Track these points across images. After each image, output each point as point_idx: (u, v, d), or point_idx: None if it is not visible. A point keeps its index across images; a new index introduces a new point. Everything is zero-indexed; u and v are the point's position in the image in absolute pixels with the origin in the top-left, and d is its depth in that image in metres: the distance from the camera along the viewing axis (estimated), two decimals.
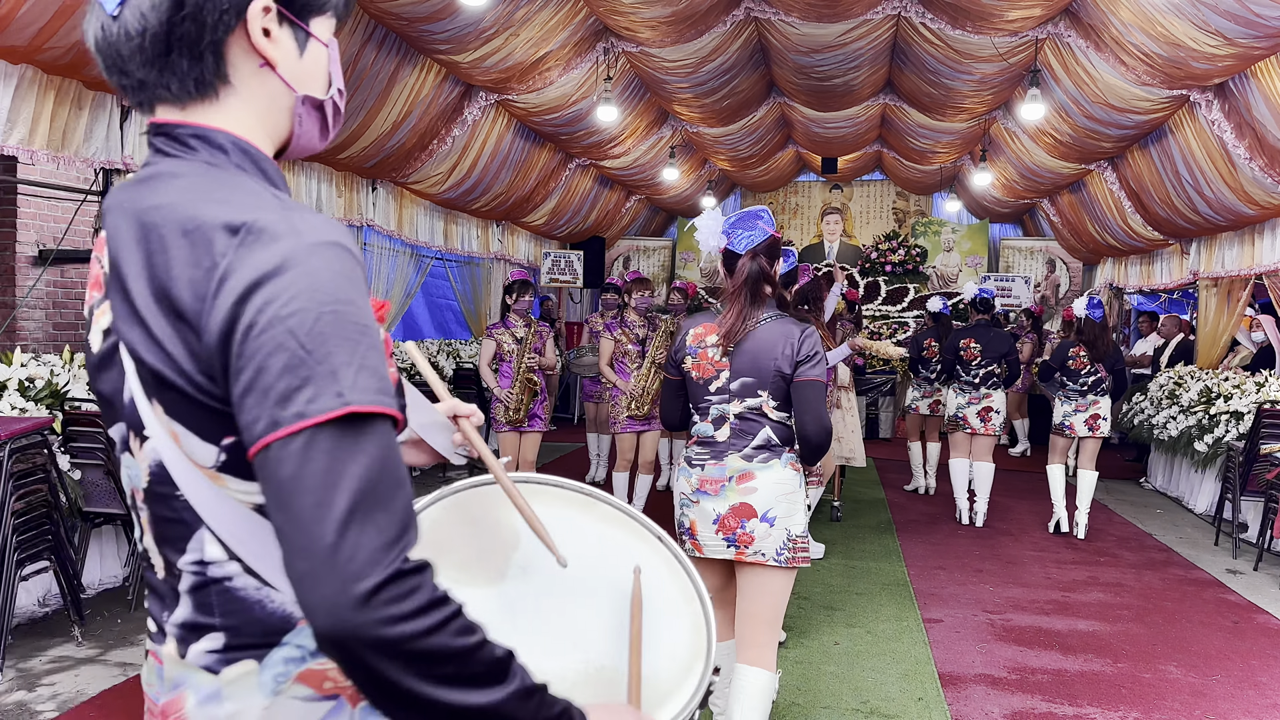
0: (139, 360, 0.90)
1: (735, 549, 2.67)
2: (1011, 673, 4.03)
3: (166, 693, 0.97)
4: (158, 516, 0.96)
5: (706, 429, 2.75)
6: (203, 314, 0.85)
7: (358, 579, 0.78)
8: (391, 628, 0.79)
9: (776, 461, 2.68)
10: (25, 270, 7.52)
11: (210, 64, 0.94)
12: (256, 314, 0.82)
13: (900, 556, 5.90)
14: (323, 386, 0.81)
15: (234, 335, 0.83)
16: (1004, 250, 13.61)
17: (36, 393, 4.37)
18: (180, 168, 0.94)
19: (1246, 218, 7.65)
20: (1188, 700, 3.79)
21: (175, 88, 0.94)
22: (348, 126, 6.77)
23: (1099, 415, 6.39)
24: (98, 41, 0.95)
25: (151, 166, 0.96)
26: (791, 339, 2.63)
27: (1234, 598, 5.26)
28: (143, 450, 0.94)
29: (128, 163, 5.26)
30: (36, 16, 4.23)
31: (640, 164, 11.05)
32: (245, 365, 0.82)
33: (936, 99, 9.19)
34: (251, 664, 0.93)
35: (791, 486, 2.68)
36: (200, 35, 0.92)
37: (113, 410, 0.98)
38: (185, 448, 0.90)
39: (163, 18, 0.91)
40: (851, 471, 8.65)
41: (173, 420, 0.90)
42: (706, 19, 7.41)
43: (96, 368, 0.99)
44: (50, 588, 4.38)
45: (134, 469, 0.98)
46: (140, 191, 0.94)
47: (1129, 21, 6.16)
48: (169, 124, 0.96)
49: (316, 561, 0.79)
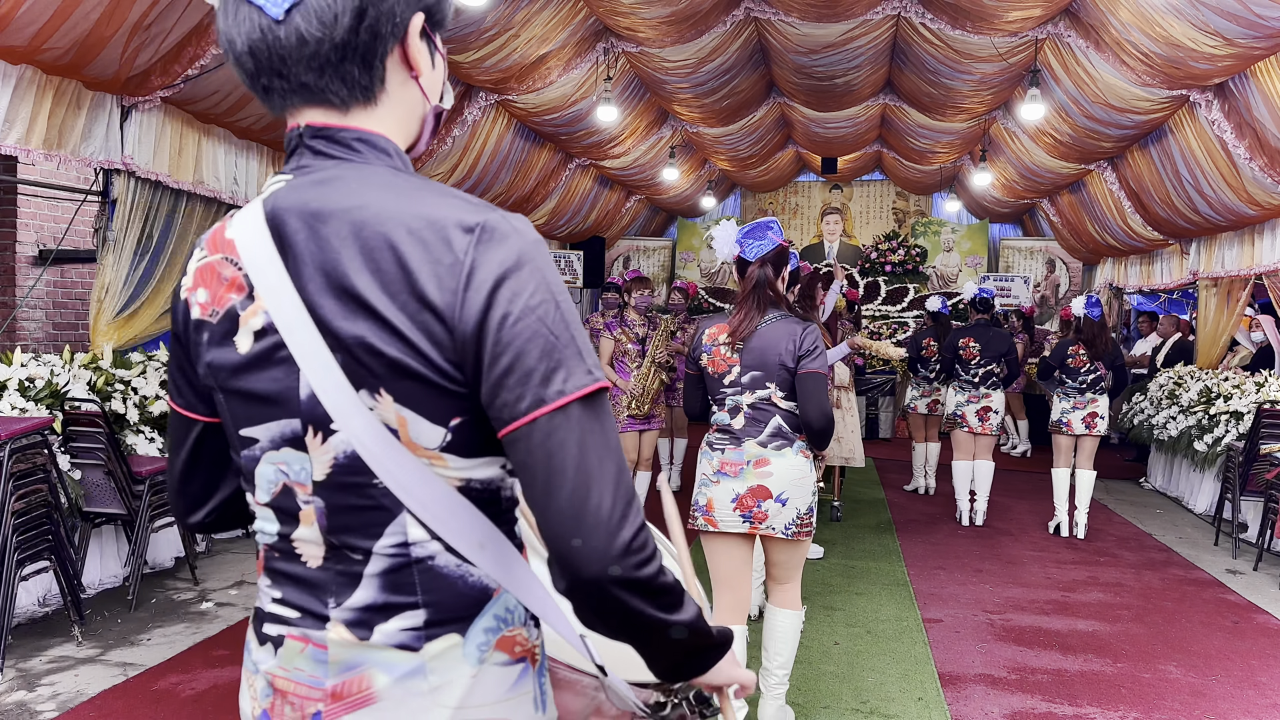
0: (371, 353, 0.94)
1: (750, 524, 3.06)
2: (1011, 673, 4.03)
3: (335, 675, 0.99)
4: (341, 506, 0.99)
5: (724, 418, 3.13)
6: (455, 305, 0.92)
7: (619, 532, 0.92)
8: (641, 570, 0.93)
9: (789, 449, 3.06)
10: (25, 270, 7.52)
11: (378, 72, 1.00)
12: (509, 305, 0.92)
13: (900, 556, 5.90)
14: (573, 367, 0.94)
15: (489, 324, 0.92)
16: (1004, 250, 13.61)
17: (36, 393, 4.37)
18: (352, 171, 0.99)
19: (1246, 218, 7.65)
20: (1187, 700, 3.79)
21: (343, 93, 0.99)
22: None
23: (1097, 413, 6.39)
24: (253, 43, 0.97)
25: (319, 170, 1.00)
26: (794, 335, 3.00)
27: (1234, 598, 5.26)
28: (325, 444, 0.98)
29: (127, 163, 5.26)
30: (36, 16, 4.23)
31: (640, 164, 11.05)
32: (504, 351, 0.92)
33: (936, 99, 9.18)
34: (455, 637, 0.99)
35: (803, 472, 3.08)
36: (374, 46, 0.98)
37: (268, 408, 1.00)
38: (412, 432, 0.96)
39: (346, 27, 0.95)
40: (851, 471, 8.65)
41: (403, 407, 0.95)
42: (707, 19, 7.40)
43: (244, 368, 1.01)
44: (50, 588, 4.38)
45: (296, 463, 1.00)
46: (321, 193, 0.97)
47: (1128, 22, 6.16)
48: (331, 127, 1.00)
49: (587, 519, 0.91)
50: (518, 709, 1.03)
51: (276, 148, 6.60)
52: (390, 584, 0.99)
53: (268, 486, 1.03)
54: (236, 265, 1.00)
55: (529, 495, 0.94)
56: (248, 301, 1.00)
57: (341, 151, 1.00)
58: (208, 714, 3.40)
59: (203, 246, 1.06)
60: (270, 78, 0.99)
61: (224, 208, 6.20)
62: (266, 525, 1.06)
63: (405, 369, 0.94)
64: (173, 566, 5.20)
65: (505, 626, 1.03)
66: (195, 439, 1.14)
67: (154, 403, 5.05)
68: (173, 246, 5.80)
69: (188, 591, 4.84)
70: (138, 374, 5.13)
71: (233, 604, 4.64)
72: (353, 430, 0.96)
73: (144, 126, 5.37)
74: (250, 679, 1.08)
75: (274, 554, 1.06)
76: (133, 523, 4.51)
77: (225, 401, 1.05)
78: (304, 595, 1.03)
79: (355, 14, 0.95)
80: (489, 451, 1.00)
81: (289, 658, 1.03)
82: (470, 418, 0.97)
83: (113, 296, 5.40)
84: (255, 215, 1.00)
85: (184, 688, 3.62)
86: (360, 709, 0.99)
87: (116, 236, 5.37)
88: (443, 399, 0.95)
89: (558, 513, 0.92)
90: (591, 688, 1.17)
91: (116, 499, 4.43)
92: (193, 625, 4.33)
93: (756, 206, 14.82)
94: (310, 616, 1.02)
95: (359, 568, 1.00)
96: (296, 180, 1.00)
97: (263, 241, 0.98)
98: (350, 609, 1.00)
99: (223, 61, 5.21)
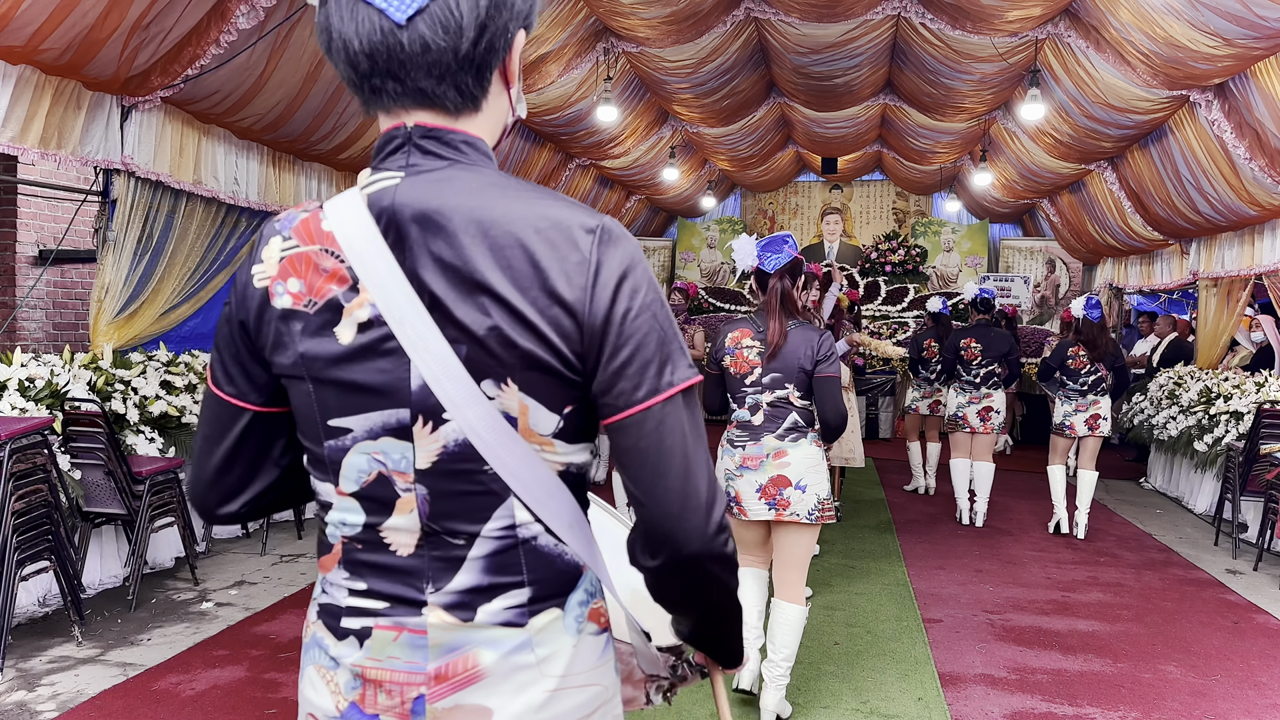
0: (505, 344, 0.99)
1: (775, 511, 3.34)
2: (1011, 673, 4.03)
3: (437, 658, 1.03)
4: (447, 492, 1.03)
5: (744, 415, 3.42)
6: (584, 301, 0.99)
7: (714, 512, 1.02)
8: (728, 546, 1.04)
9: (804, 440, 3.39)
10: (25, 270, 7.52)
11: (487, 82, 1.05)
12: (630, 300, 1.01)
13: (900, 556, 5.90)
14: (679, 360, 1.03)
15: (613, 318, 1.00)
16: (1004, 250, 13.60)
17: (36, 393, 4.37)
18: (465, 173, 1.04)
19: (1246, 218, 7.64)
20: (1187, 700, 3.79)
21: (457, 100, 1.04)
22: (347, 126, 6.77)
23: (1099, 415, 6.39)
24: (372, 44, 0.99)
25: (432, 170, 1.03)
26: (812, 342, 3.34)
27: (1234, 598, 5.26)
28: (435, 433, 1.01)
29: (127, 163, 5.26)
30: (35, 16, 4.23)
31: (640, 164, 11.05)
32: (625, 342, 1.00)
33: (936, 99, 9.18)
34: (555, 611, 1.06)
35: (817, 460, 3.40)
36: (489, 59, 1.04)
37: (370, 398, 1.03)
38: (531, 420, 1.02)
39: (470, 39, 1.00)
40: (851, 471, 8.64)
41: (526, 396, 1.01)
42: (707, 19, 7.40)
43: (346, 359, 1.03)
44: (50, 588, 4.38)
45: (396, 452, 1.03)
46: (440, 191, 1.01)
47: (1128, 22, 6.16)
48: (441, 129, 1.04)
49: (691, 500, 1.01)
50: (604, 675, 1.10)
51: (276, 148, 6.60)
52: (495, 565, 1.04)
53: (358, 476, 1.05)
54: (338, 257, 1.02)
55: (636, 477, 1.02)
56: (351, 293, 1.02)
57: (451, 153, 1.04)
58: (208, 714, 3.40)
59: (289, 236, 1.06)
60: (384, 79, 1.02)
61: (224, 208, 6.20)
62: (349, 516, 1.06)
63: (535, 359, 1.00)
64: (173, 566, 5.20)
65: (592, 599, 1.10)
66: (242, 429, 1.13)
67: (154, 402, 5.05)
68: (172, 246, 5.80)
69: (188, 592, 4.84)
70: (138, 374, 5.13)
71: (232, 604, 4.64)
72: (466, 419, 1.00)
73: (144, 126, 5.37)
74: (326, 674, 1.08)
75: (355, 546, 1.07)
76: (133, 523, 4.51)
77: (314, 391, 1.05)
78: (394, 584, 1.05)
79: (478, 28, 1.00)
80: (587, 437, 1.08)
81: (380, 648, 1.04)
82: (579, 405, 1.04)
83: (113, 296, 5.40)
84: (357, 209, 1.02)
85: (184, 688, 3.62)
86: (467, 687, 1.03)
87: (116, 236, 5.37)
88: (561, 388, 1.02)
89: (665, 493, 1.01)
90: (627, 654, 1.23)
91: (116, 499, 4.43)
92: (193, 625, 4.33)
93: (756, 207, 14.82)
94: (403, 604, 1.04)
95: (460, 552, 1.04)
96: (411, 178, 1.03)
97: (370, 235, 1.00)
98: (451, 592, 1.04)
99: (223, 61, 5.21)
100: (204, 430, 1.16)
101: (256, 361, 1.10)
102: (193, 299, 6.05)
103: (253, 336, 1.08)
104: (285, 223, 1.08)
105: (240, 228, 6.42)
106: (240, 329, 1.09)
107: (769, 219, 14.66)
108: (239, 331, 1.10)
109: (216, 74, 5.33)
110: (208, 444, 1.15)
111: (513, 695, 1.03)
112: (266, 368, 1.10)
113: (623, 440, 1.02)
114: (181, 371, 5.47)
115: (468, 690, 1.03)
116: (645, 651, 1.21)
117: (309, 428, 1.07)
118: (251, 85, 5.69)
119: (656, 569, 1.04)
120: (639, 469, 1.02)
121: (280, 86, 5.87)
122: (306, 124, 6.40)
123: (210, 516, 1.19)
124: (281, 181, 6.71)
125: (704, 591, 1.07)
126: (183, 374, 5.44)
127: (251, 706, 3.47)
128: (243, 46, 5.25)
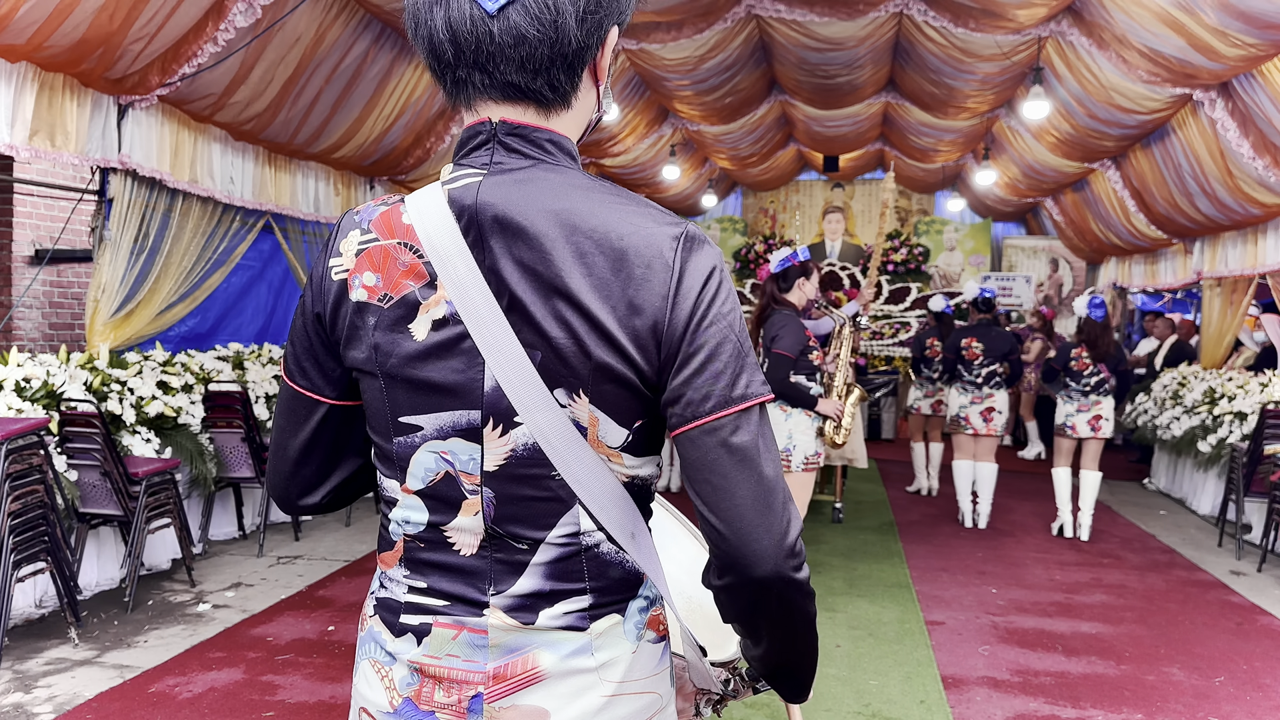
0: (582, 354, 0.97)
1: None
2: (1014, 675, 4.00)
3: (497, 659, 1.02)
4: (513, 496, 1.01)
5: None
6: (665, 310, 0.97)
7: (789, 535, 0.98)
8: (802, 572, 1.00)
9: (795, 411, 4.60)
10: (21, 270, 7.50)
11: (578, 78, 1.02)
12: (706, 308, 0.98)
13: (902, 558, 5.87)
14: (753, 374, 1.00)
15: (691, 325, 0.97)
16: (1007, 249, 13.56)
17: (32, 393, 4.35)
18: (551, 173, 1.00)
19: (1250, 217, 7.61)
20: (1191, 702, 3.76)
21: (548, 97, 1.01)
22: (342, 123, 6.73)
23: (1101, 416, 6.35)
24: (461, 32, 0.96)
25: (516, 169, 1.00)
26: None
27: (1237, 599, 5.23)
28: (504, 436, 1.00)
29: (124, 161, 5.22)
30: (35, 15, 4.20)
31: (640, 162, 11.01)
32: (697, 351, 0.97)
33: (939, 97, 9.14)
34: (615, 617, 1.05)
35: (806, 424, 4.59)
36: (583, 54, 1.00)
37: (441, 397, 1.01)
38: (600, 432, 1.00)
39: (564, 32, 0.97)
40: (853, 472, 8.62)
41: (597, 409, 0.99)
42: (708, 16, 7.37)
43: (420, 356, 1.01)
44: (47, 589, 4.36)
45: (464, 453, 1.01)
46: (524, 192, 0.98)
47: (1132, 20, 6.12)
48: (528, 126, 1.01)
49: (762, 520, 0.96)
50: (661, 683, 1.09)
51: (272, 148, 6.56)
52: (558, 572, 1.02)
53: (424, 475, 1.04)
54: (417, 253, 1.00)
55: (704, 493, 0.98)
56: (429, 290, 1.00)
57: (536, 152, 1.01)
58: (204, 716, 3.37)
59: (368, 229, 1.04)
60: (470, 70, 0.99)
61: (219, 207, 6.17)
62: (414, 515, 1.05)
63: (611, 371, 0.98)
64: (169, 568, 5.17)
65: (652, 606, 1.08)
66: (318, 422, 1.12)
67: (150, 403, 5.02)
68: (169, 246, 5.77)
69: (185, 593, 4.81)
70: (134, 374, 5.10)
71: (229, 606, 4.61)
72: (537, 424, 0.98)
73: (141, 125, 5.34)
74: (381, 669, 1.08)
75: (418, 544, 1.06)
76: (129, 524, 4.48)
77: (386, 387, 1.03)
78: (456, 583, 1.04)
79: (577, 20, 0.97)
80: (654, 450, 1.06)
81: (438, 645, 1.04)
82: (649, 420, 1.02)
83: (109, 296, 5.37)
84: (438, 205, 1.00)
85: (181, 690, 3.59)
86: (525, 688, 1.02)
87: (113, 236, 5.34)
88: (634, 401, 1.00)
89: (735, 511, 0.97)
90: (680, 667, 1.22)
91: (113, 500, 4.40)
92: (189, 627, 4.30)
93: (757, 205, 14.78)
94: (463, 604, 1.04)
95: (524, 556, 1.02)
96: (494, 177, 1.00)
97: (450, 233, 0.98)
98: (513, 596, 1.03)
99: (220, 60, 5.18)
100: (279, 422, 1.15)
101: (330, 355, 1.08)
102: (188, 299, 6.03)
103: (328, 330, 1.07)
104: (365, 215, 1.06)
105: (235, 227, 6.40)
106: (315, 322, 1.08)
107: (770, 218, 14.63)
108: (314, 324, 1.08)
109: (213, 73, 5.30)
110: (284, 436, 1.14)
111: (570, 698, 1.02)
112: (340, 361, 1.08)
113: (690, 453, 0.98)
114: (178, 372, 5.44)
115: (526, 691, 1.02)
116: (699, 666, 1.18)
117: (379, 423, 1.06)
118: (235, 79, 5.62)
119: (724, 589, 1.01)
120: (705, 484, 0.98)
121: (267, 83, 5.82)
122: (297, 122, 6.35)
123: (291, 508, 1.19)
124: (277, 181, 6.68)
125: (773, 617, 1.02)
126: (179, 374, 5.41)
127: (248, 709, 3.44)
128: (240, 44, 5.21)
